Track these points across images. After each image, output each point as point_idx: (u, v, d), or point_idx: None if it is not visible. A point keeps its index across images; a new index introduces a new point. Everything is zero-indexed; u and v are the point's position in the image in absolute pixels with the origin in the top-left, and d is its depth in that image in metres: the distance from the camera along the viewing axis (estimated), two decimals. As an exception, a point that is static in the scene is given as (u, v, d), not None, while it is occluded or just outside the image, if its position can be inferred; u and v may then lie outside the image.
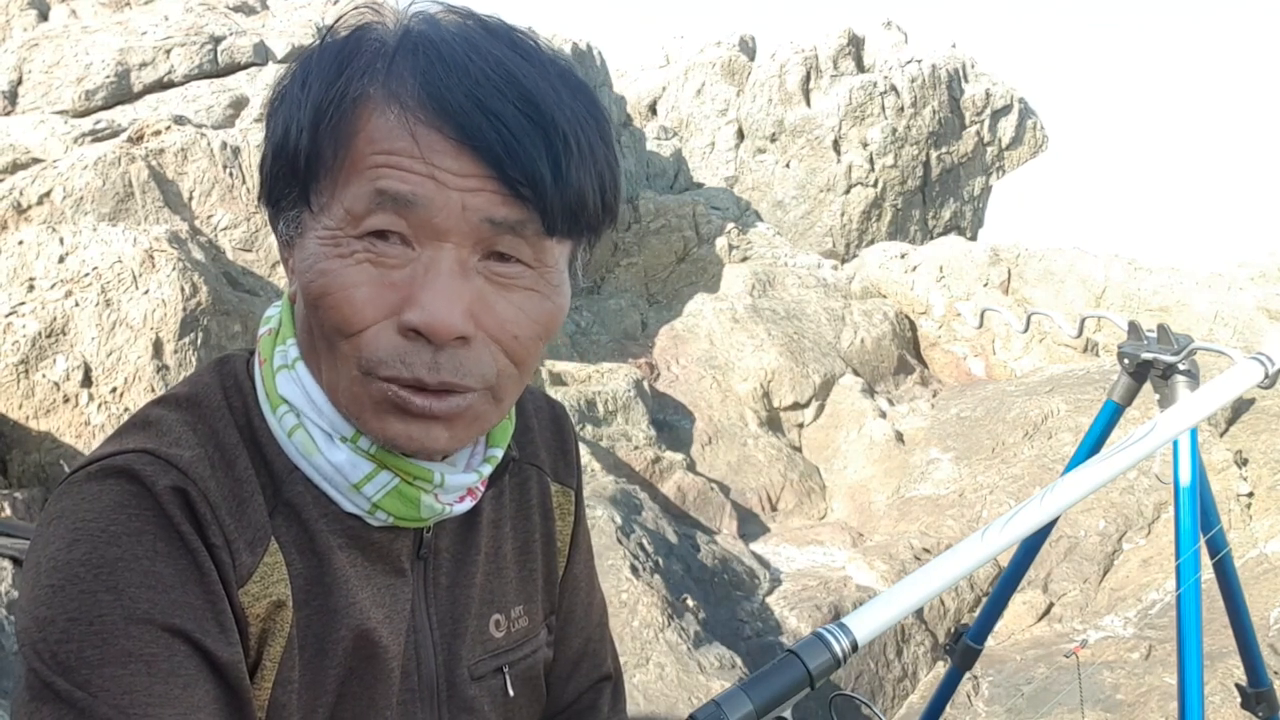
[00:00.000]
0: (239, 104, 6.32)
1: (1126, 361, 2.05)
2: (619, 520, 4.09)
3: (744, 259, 8.75)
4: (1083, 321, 2.54)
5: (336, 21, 0.75)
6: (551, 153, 0.70)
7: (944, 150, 12.15)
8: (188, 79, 6.43)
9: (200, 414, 0.77)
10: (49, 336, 4.14)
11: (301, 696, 0.77)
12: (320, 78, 0.72)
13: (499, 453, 0.85)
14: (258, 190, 0.80)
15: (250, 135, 5.81)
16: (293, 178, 0.73)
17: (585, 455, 4.89)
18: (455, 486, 0.81)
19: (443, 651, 0.85)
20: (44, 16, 7.11)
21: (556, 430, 1.00)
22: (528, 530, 0.94)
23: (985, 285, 7.99)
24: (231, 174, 5.60)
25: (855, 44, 12.41)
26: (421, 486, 0.79)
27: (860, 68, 12.32)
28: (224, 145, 5.65)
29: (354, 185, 0.71)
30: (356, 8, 0.76)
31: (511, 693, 0.90)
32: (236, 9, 7.18)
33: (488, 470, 0.84)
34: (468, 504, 0.83)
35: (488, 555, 0.89)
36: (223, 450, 0.76)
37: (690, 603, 3.93)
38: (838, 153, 11.67)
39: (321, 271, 0.72)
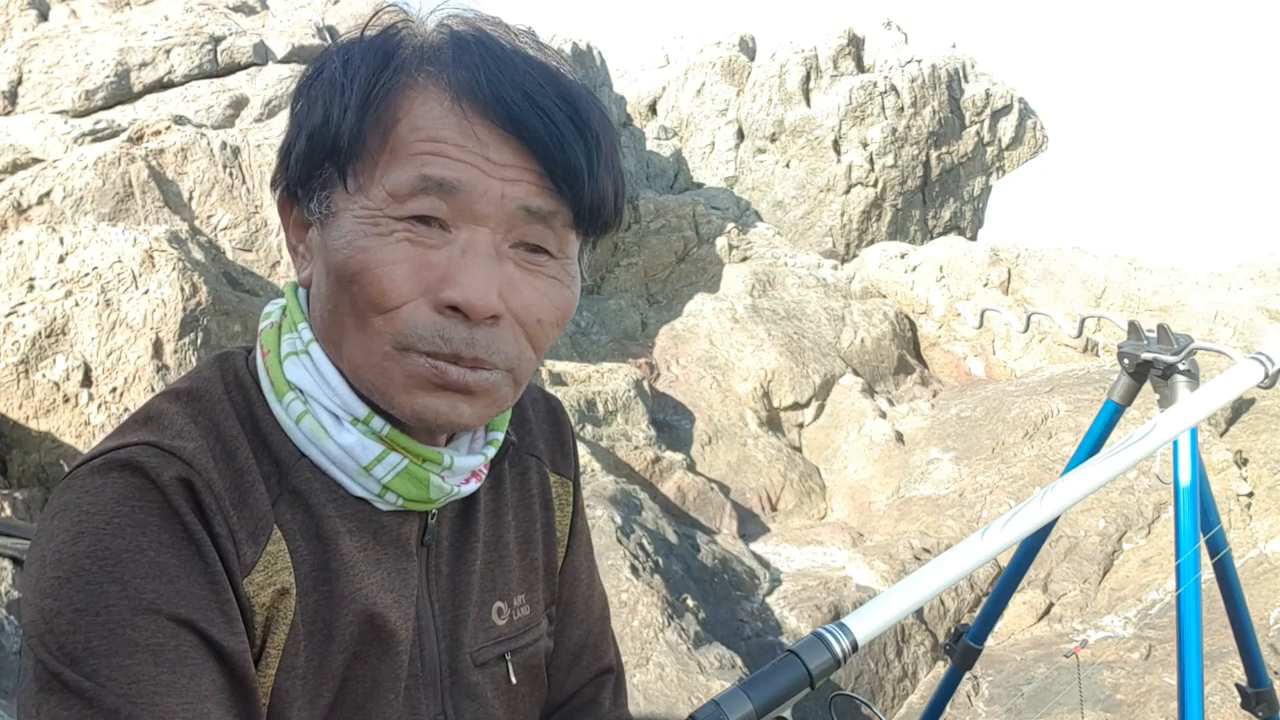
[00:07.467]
0: (239, 104, 6.32)
1: (1126, 361, 2.04)
2: (619, 520, 4.08)
3: (744, 259, 8.75)
4: (1083, 321, 2.53)
5: (372, 16, 0.79)
6: (587, 150, 0.75)
7: (944, 150, 12.15)
8: (188, 79, 6.43)
9: (201, 407, 0.78)
10: (49, 336, 4.14)
11: (307, 682, 0.77)
12: (367, 62, 0.75)
13: (500, 436, 0.88)
14: (274, 172, 0.82)
15: (250, 135, 5.80)
16: (331, 157, 0.75)
17: (585, 455, 4.89)
18: (462, 468, 0.83)
19: (445, 638, 0.86)
20: (44, 16, 7.10)
21: (553, 423, 1.02)
22: (529, 520, 0.96)
23: (985, 285, 7.98)
24: (231, 174, 5.60)
25: (855, 44, 12.41)
26: (430, 468, 0.81)
27: (860, 68, 12.32)
28: (224, 145, 5.64)
29: (396, 169, 0.73)
30: (387, 9, 0.80)
31: (514, 680, 0.91)
32: (236, 9, 7.18)
33: (492, 452, 0.87)
34: (473, 486, 0.86)
35: (487, 543, 0.91)
36: (223, 442, 0.77)
37: (690, 603, 3.93)
38: (838, 153, 11.67)
39: (361, 248, 0.74)
